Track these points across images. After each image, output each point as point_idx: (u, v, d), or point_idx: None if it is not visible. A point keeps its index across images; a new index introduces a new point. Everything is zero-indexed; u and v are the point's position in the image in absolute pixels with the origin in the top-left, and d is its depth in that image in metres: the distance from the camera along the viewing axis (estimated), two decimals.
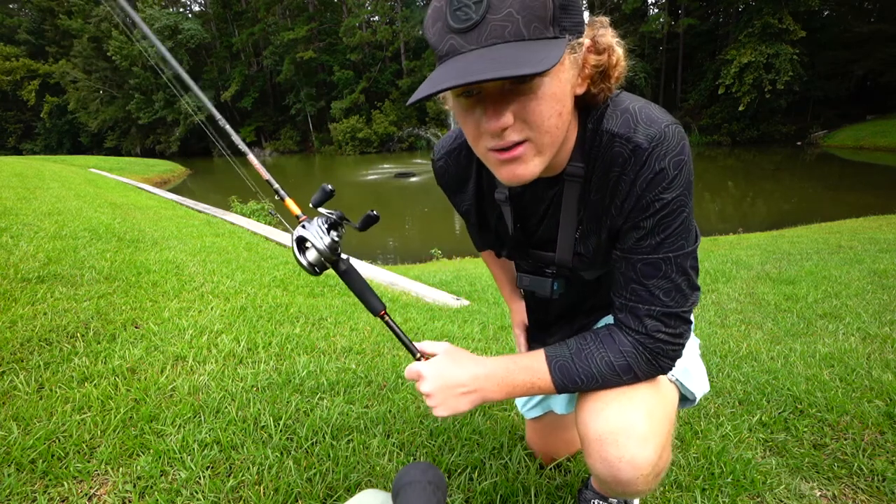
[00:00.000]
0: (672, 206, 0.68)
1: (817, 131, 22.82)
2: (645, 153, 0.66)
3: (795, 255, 4.50)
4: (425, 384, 0.79)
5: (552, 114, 0.61)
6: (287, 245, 5.39)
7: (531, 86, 0.59)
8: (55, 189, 6.82)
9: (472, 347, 2.19)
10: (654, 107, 0.70)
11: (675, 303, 0.72)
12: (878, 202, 8.97)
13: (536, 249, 0.89)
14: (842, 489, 1.20)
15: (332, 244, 0.77)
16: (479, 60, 0.55)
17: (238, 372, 1.69)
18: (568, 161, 0.74)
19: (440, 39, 0.60)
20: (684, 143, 0.67)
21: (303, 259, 0.75)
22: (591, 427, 0.76)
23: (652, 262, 0.71)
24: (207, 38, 35.97)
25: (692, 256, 0.72)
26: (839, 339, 2.27)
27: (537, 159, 0.65)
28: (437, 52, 0.61)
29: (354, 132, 31.72)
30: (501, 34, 0.56)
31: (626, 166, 0.68)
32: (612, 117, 0.69)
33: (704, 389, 0.92)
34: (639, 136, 0.66)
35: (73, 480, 1.10)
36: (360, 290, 0.90)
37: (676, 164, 0.66)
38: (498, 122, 0.60)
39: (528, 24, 0.55)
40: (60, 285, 2.31)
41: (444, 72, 0.57)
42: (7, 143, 44.56)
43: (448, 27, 0.58)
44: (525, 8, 0.55)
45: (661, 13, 28.02)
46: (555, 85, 0.60)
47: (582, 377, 0.76)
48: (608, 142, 0.69)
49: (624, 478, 0.73)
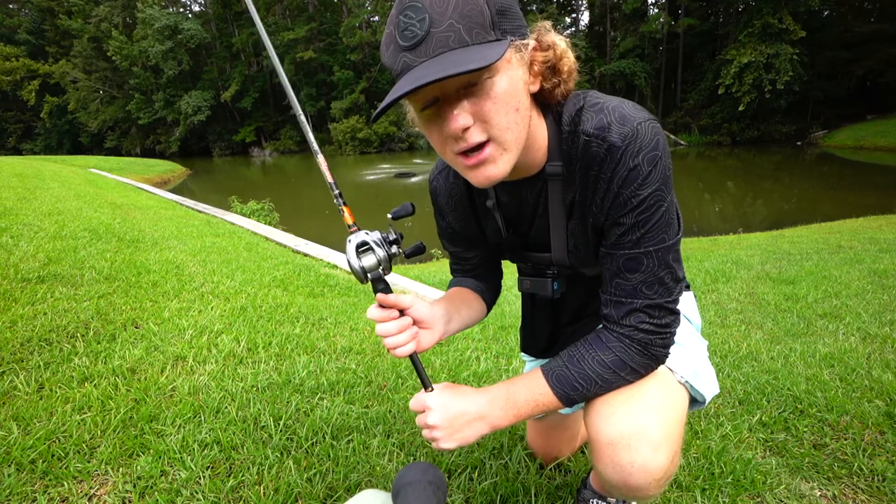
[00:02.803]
0: (649, 201, 0.70)
1: (817, 131, 22.83)
2: (619, 151, 0.69)
3: (795, 255, 4.50)
4: (432, 415, 0.77)
5: (508, 110, 0.65)
6: (287, 245, 5.39)
7: (483, 86, 0.63)
8: (55, 189, 6.82)
9: (471, 347, 2.19)
10: (629, 104, 0.72)
11: (658, 295, 0.74)
12: (878, 202, 8.97)
13: (533, 252, 0.91)
14: (842, 489, 1.20)
15: (389, 256, 0.80)
16: (429, 67, 0.59)
17: (238, 372, 1.69)
18: (546, 161, 0.77)
19: (394, 60, 0.64)
20: (658, 139, 0.69)
21: (357, 262, 0.77)
22: (602, 431, 0.75)
23: (633, 257, 0.73)
24: (207, 38, 35.97)
25: (674, 249, 0.74)
26: (839, 339, 2.27)
27: (504, 157, 0.68)
28: (393, 73, 0.66)
29: (354, 132, 31.71)
30: (446, 43, 0.60)
31: (603, 165, 0.71)
32: (588, 118, 0.72)
33: (714, 391, 0.92)
34: (612, 136, 0.69)
35: (73, 480, 1.10)
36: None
37: (651, 160, 0.68)
38: (457, 123, 0.64)
39: (470, 30, 0.60)
40: (60, 285, 2.31)
41: (400, 85, 0.61)
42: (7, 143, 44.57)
43: (399, 47, 0.63)
44: (464, 17, 0.60)
45: (660, 13, 28.03)
46: (506, 82, 0.64)
47: (580, 381, 0.76)
48: (585, 142, 0.72)
49: (635, 483, 0.72)
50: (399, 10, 0.62)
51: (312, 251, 5.12)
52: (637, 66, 26.98)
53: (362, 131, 31.61)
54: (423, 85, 0.57)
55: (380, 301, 0.78)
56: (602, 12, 30.92)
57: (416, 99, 0.66)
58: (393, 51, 0.64)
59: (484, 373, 1.87)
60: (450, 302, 0.94)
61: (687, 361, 0.87)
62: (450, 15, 0.60)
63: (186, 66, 35.13)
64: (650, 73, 27.67)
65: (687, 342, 0.91)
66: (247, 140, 37.58)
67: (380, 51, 0.68)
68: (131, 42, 35.33)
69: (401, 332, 0.78)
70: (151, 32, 33.29)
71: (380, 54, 0.69)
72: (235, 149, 38.47)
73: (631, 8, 26.90)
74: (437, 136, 0.69)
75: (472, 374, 1.86)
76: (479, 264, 1.04)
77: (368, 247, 0.77)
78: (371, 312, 0.78)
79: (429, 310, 0.85)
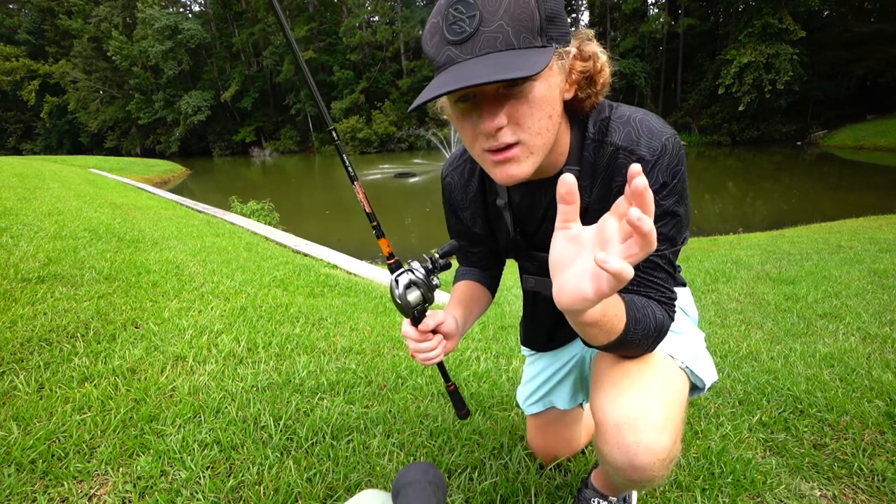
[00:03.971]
0: (670, 210, 0.75)
1: (817, 131, 22.82)
2: (648, 165, 0.73)
3: (795, 255, 4.49)
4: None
5: (542, 116, 0.67)
6: (287, 245, 5.39)
7: (522, 90, 0.65)
8: (55, 189, 6.82)
9: (471, 347, 2.19)
10: (653, 118, 0.76)
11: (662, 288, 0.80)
12: (878, 202, 8.95)
13: (540, 252, 0.92)
14: (842, 489, 1.20)
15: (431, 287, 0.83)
16: (475, 67, 0.60)
17: (238, 372, 1.69)
18: (564, 164, 0.80)
19: (438, 51, 0.65)
20: (681, 154, 0.75)
21: (408, 303, 0.80)
22: (608, 413, 0.77)
23: (651, 259, 0.78)
24: (207, 38, 35.95)
25: (678, 252, 0.81)
26: (839, 339, 2.27)
27: (529, 160, 0.70)
28: (434, 63, 0.67)
29: (354, 132, 31.70)
30: (493, 44, 0.62)
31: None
32: (615, 129, 0.76)
33: (713, 377, 0.94)
34: (642, 149, 0.73)
35: (73, 480, 1.10)
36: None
37: (674, 174, 0.74)
38: (493, 122, 0.65)
39: (518, 34, 0.61)
40: (60, 285, 2.31)
41: (444, 79, 0.62)
42: (7, 143, 44.52)
43: (445, 40, 0.64)
44: (514, 20, 0.61)
45: (660, 13, 28.02)
46: (544, 89, 0.66)
47: (639, 319, 0.73)
48: (612, 153, 0.76)
49: (640, 463, 0.73)
50: (449, 3, 0.63)
51: (312, 251, 5.13)
52: (637, 66, 26.96)
53: (362, 131, 31.62)
54: (468, 86, 0.58)
55: (421, 330, 0.84)
56: (602, 12, 30.92)
57: (453, 94, 0.67)
58: (438, 42, 0.65)
59: (484, 373, 1.87)
60: (464, 306, 1.01)
61: (686, 348, 0.89)
62: (501, 15, 0.61)
63: (186, 66, 35.12)
64: (650, 73, 27.66)
65: (685, 331, 0.94)
66: (247, 140, 37.57)
67: (422, 39, 0.69)
68: (131, 42, 35.31)
69: (434, 349, 0.86)
70: (151, 32, 33.27)
71: (422, 43, 0.69)
72: (235, 149, 38.45)
73: (631, 8, 26.89)
74: (470, 131, 0.71)
75: (472, 374, 1.86)
76: (484, 257, 1.10)
77: (414, 283, 0.80)
78: (409, 333, 0.84)
79: (453, 323, 0.91)
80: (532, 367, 1.25)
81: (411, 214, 12.26)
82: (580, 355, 1.15)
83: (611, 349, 0.76)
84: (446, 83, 0.60)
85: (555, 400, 1.19)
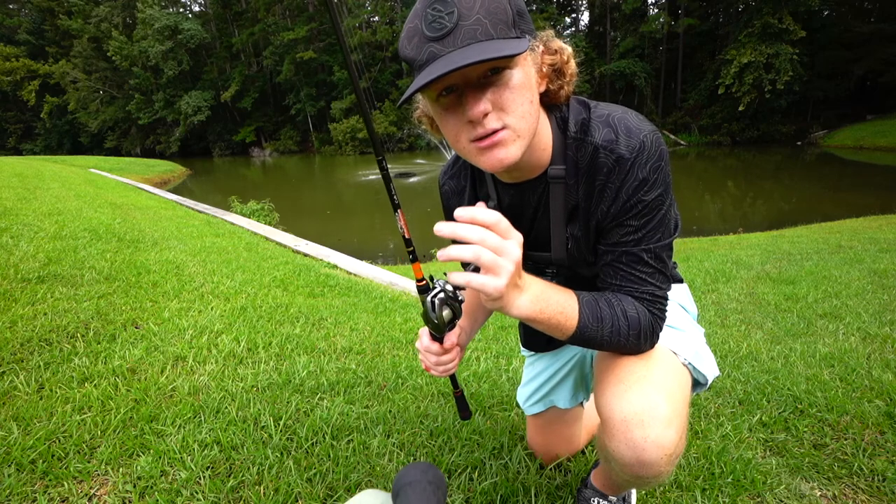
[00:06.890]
0: (652, 204, 0.77)
1: (817, 131, 22.83)
2: (628, 163, 0.75)
3: (795, 255, 4.50)
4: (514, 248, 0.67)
5: (524, 101, 0.70)
6: (287, 245, 5.39)
7: (502, 76, 0.68)
8: (55, 189, 6.82)
9: (471, 347, 2.19)
10: (632, 115, 0.78)
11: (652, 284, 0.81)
12: (878, 202, 8.96)
13: (533, 251, 0.93)
14: (842, 489, 1.20)
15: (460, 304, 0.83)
16: (461, 55, 0.63)
17: (238, 372, 1.69)
18: (549, 164, 0.82)
19: (419, 51, 0.67)
20: (661, 149, 0.76)
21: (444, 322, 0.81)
22: (615, 409, 0.77)
23: (634, 253, 0.80)
24: (207, 38, 35.95)
25: (668, 247, 0.81)
26: (839, 338, 2.27)
27: (517, 143, 0.71)
28: (416, 63, 0.68)
29: (354, 132, 31.70)
30: (474, 35, 0.64)
31: (611, 175, 0.77)
32: (595, 128, 0.78)
33: (715, 373, 0.95)
34: (621, 148, 0.75)
35: (73, 480, 1.10)
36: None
37: (655, 169, 0.75)
38: (479, 107, 0.67)
39: (495, 26, 0.65)
40: (60, 285, 2.31)
41: (430, 70, 0.64)
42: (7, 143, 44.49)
43: (425, 38, 0.66)
44: (490, 14, 0.65)
45: (660, 13, 28.03)
46: (523, 76, 0.70)
47: (602, 318, 0.78)
48: (593, 152, 0.78)
49: (648, 458, 0.74)
50: (426, 5, 0.66)
51: (312, 251, 5.13)
52: (637, 66, 26.97)
53: (362, 131, 31.57)
54: (460, 67, 0.60)
55: (447, 347, 0.87)
56: (602, 12, 30.94)
57: (435, 87, 0.69)
58: (418, 42, 0.67)
59: (484, 373, 1.87)
60: (470, 314, 1.05)
61: (688, 344, 0.90)
62: (477, 10, 0.64)
63: (186, 66, 35.11)
64: (650, 73, 27.66)
65: (685, 327, 0.95)
66: (247, 140, 37.57)
67: (399, 47, 0.71)
68: (131, 42, 35.30)
69: (452, 360, 0.90)
70: (151, 32, 33.27)
71: (399, 50, 0.71)
72: (235, 149, 38.45)
73: (631, 8, 26.89)
74: (454, 124, 0.72)
75: (472, 374, 1.86)
76: None
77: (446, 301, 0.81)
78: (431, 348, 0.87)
79: (465, 336, 0.97)
80: (532, 367, 1.25)
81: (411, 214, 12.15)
82: (581, 354, 1.15)
83: (580, 344, 0.80)
84: (434, 71, 0.63)
85: (556, 399, 1.19)
